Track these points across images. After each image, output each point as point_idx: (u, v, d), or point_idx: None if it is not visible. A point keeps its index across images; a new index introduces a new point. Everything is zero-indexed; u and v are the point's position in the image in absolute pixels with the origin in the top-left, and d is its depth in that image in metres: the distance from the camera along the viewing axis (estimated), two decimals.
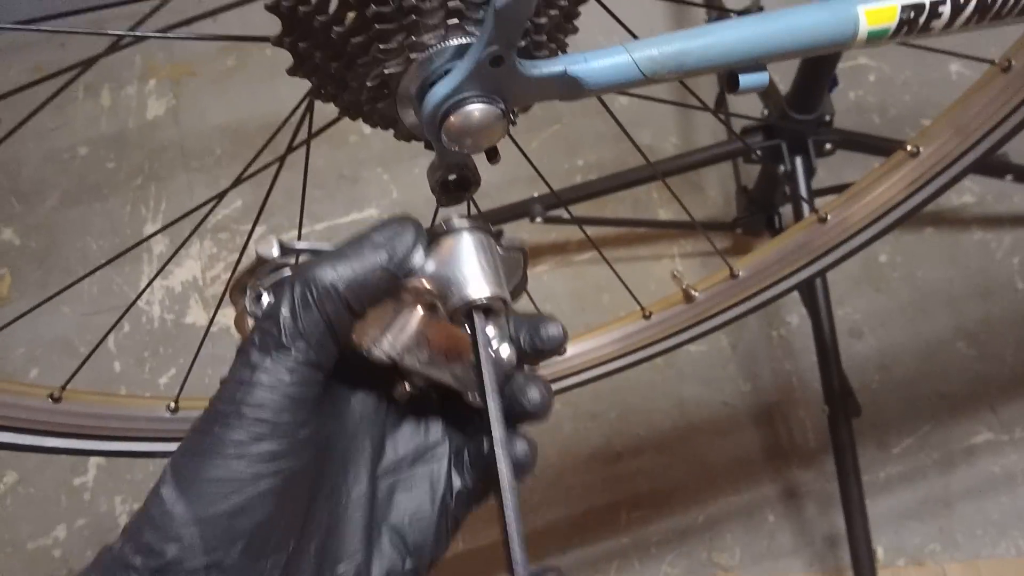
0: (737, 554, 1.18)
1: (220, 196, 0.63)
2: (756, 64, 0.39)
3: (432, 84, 0.37)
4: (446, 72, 0.36)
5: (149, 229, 1.44)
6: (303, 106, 0.52)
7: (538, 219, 1.22)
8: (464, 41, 0.36)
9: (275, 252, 0.37)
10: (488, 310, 0.38)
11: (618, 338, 0.79)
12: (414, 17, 0.35)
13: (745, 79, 0.39)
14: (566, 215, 1.23)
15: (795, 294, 1.27)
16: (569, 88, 0.37)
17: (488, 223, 0.39)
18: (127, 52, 1.58)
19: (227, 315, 1.38)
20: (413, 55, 0.36)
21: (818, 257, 0.75)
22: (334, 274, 0.34)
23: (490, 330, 0.38)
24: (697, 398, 1.27)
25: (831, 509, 1.18)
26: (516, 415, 0.38)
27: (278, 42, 0.38)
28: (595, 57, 0.37)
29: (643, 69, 0.37)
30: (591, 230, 1.37)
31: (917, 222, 1.38)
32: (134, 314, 1.38)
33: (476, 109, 0.36)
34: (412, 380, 0.39)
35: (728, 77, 0.39)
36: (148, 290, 1.40)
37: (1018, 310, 1.31)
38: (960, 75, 1.49)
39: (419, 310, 0.37)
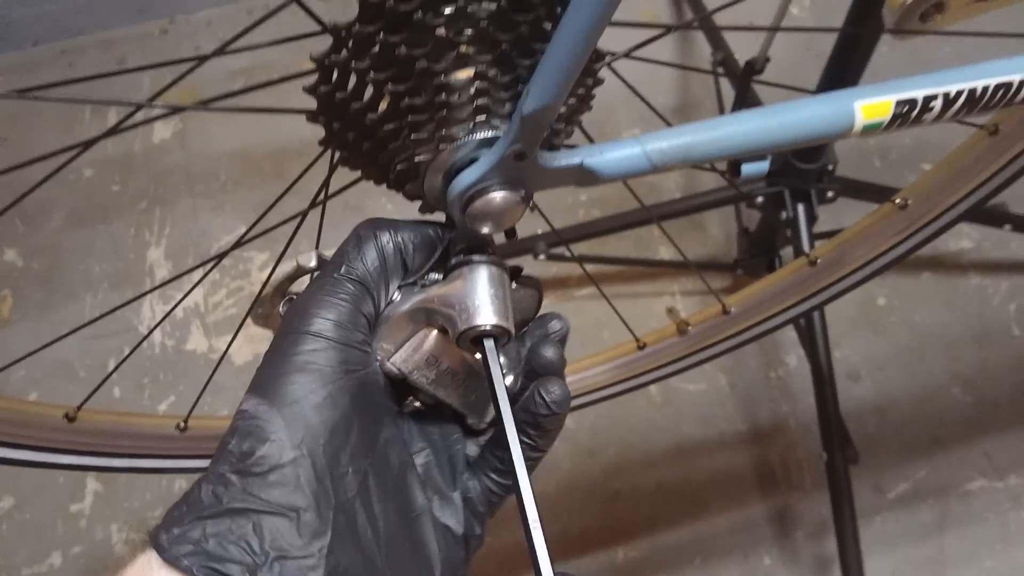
0: None
1: (239, 242, 0.64)
2: (759, 154, 0.41)
3: (458, 170, 0.38)
4: (471, 160, 0.38)
5: (153, 253, 1.45)
6: (326, 161, 0.53)
7: (541, 256, 1.24)
8: (490, 135, 0.37)
9: (314, 263, 0.42)
10: (493, 338, 0.40)
11: (613, 367, 0.83)
12: (444, 112, 0.36)
13: (747, 168, 0.41)
14: (568, 252, 1.24)
15: (794, 337, 1.29)
16: (585, 177, 0.39)
17: (504, 260, 0.42)
18: (135, 74, 1.59)
19: (226, 342, 1.39)
20: (442, 145, 0.37)
21: (806, 298, 0.79)
22: (394, 226, 0.41)
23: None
24: (695, 437, 1.28)
25: (827, 553, 1.19)
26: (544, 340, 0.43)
27: (313, 119, 0.39)
28: (609, 150, 0.39)
29: (653, 161, 0.39)
30: (592, 267, 1.38)
31: (915, 266, 1.39)
32: (134, 339, 1.38)
33: (499, 196, 0.38)
34: (420, 397, 0.42)
35: (731, 165, 0.41)
36: (149, 315, 1.40)
37: (1014, 356, 1.32)
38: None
39: (433, 332, 0.40)
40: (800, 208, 1.14)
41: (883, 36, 0.95)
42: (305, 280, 0.43)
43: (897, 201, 0.71)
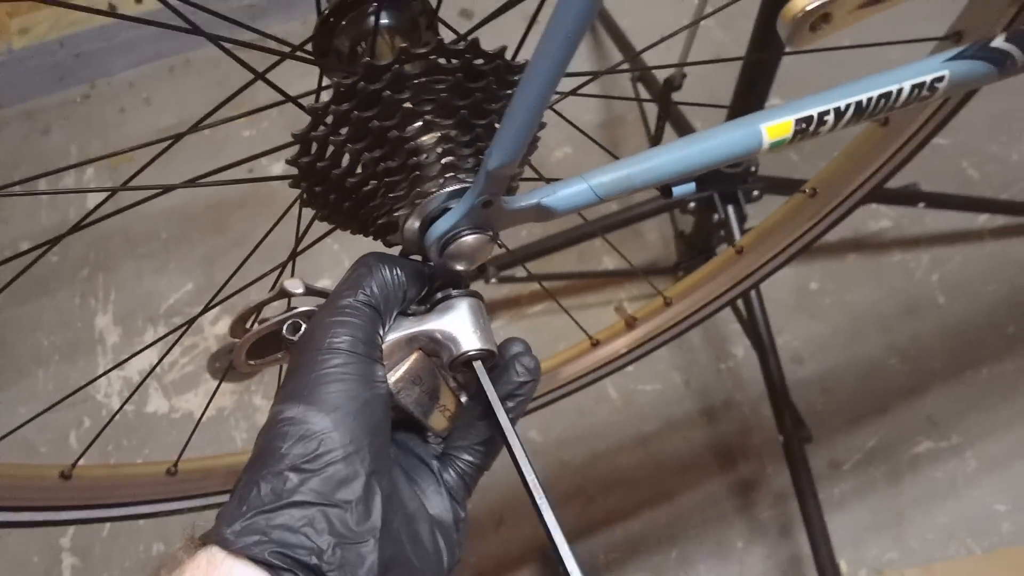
0: None
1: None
2: (687, 178, 0.46)
3: (433, 219, 0.43)
4: (444, 210, 0.42)
5: (101, 320, 1.44)
6: (297, 215, 0.56)
7: (492, 279, 1.27)
8: (458, 187, 0.41)
9: (300, 289, 0.46)
10: (481, 360, 0.45)
11: (572, 366, 0.89)
12: (417, 172, 0.40)
13: (677, 190, 0.47)
14: (518, 274, 1.28)
15: (739, 329, 1.35)
16: (543, 214, 0.44)
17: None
18: (62, 142, 1.58)
19: (187, 400, 1.39)
20: (418, 200, 0.41)
21: (737, 283, 0.87)
22: (396, 261, 0.44)
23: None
24: (658, 436, 1.33)
25: (794, 529, 1.24)
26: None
27: (295, 185, 0.43)
28: (561, 188, 0.44)
29: (598, 193, 0.44)
30: (541, 283, 1.42)
31: (840, 249, 1.47)
32: (93, 408, 1.37)
33: (471, 239, 0.43)
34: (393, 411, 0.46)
35: (663, 189, 0.46)
36: (106, 382, 1.40)
37: (942, 323, 1.41)
38: None
39: (418, 355, 0.45)
40: (730, 209, 1.20)
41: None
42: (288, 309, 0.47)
43: (807, 190, 0.78)
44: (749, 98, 1.05)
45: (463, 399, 0.47)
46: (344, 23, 0.43)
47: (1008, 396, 1.34)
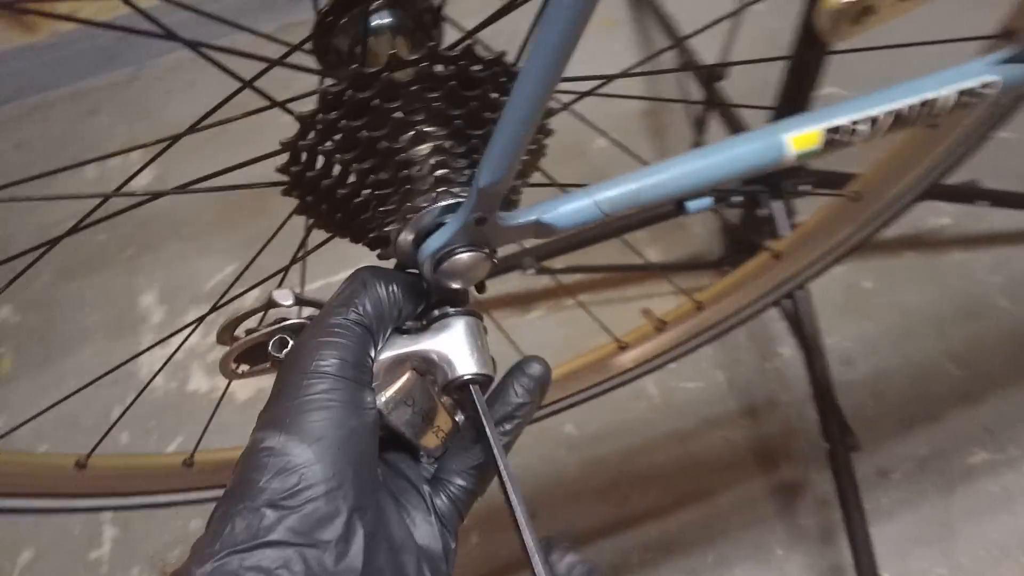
0: None
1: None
2: (701, 192, 0.43)
3: (426, 235, 0.41)
4: (438, 224, 0.40)
5: (145, 299, 1.46)
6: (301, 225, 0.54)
7: (530, 270, 1.25)
8: (451, 201, 0.39)
9: (289, 301, 0.44)
10: (478, 384, 0.43)
11: (597, 367, 0.88)
12: (408, 185, 0.38)
13: (691, 204, 0.43)
14: (553, 267, 1.26)
15: (787, 327, 1.30)
16: (542, 231, 0.41)
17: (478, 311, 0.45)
18: (107, 123, 1.60)
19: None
20: (409, 215, 0.39)
21: (773, 288, 0.84)
22: (391, 277, 0.42)
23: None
24: (698, 435, 1.29)
25: (836, 538, 1.20)
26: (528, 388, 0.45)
27: (287, 193, 0.41)
28: (562, 204, 0.41)
29: (603, 210, 0.41)
30: (582, 275, 1.39)
31: (897, 247, 1.41)
32: (136, 385, 1.39)
33: (465, 256, 0.41)
34: (382, 430, 0.43)
35: (677, 203, 0.43)
36: (148, 360, 1.42)
37: (1003, 328, 1.34)
38: None
39: (411, 374, 0.42)
40: (777, 204, 1.15)
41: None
42: (276, 320, 0.45)
43: (850, 194, 0.74)
44: (795, 95, 1.00)
45: (458, 419, 0.45)
46: (344, 21, 0.41)
47: None
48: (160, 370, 0.94)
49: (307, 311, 0.44)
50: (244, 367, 0.47)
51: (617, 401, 1.33)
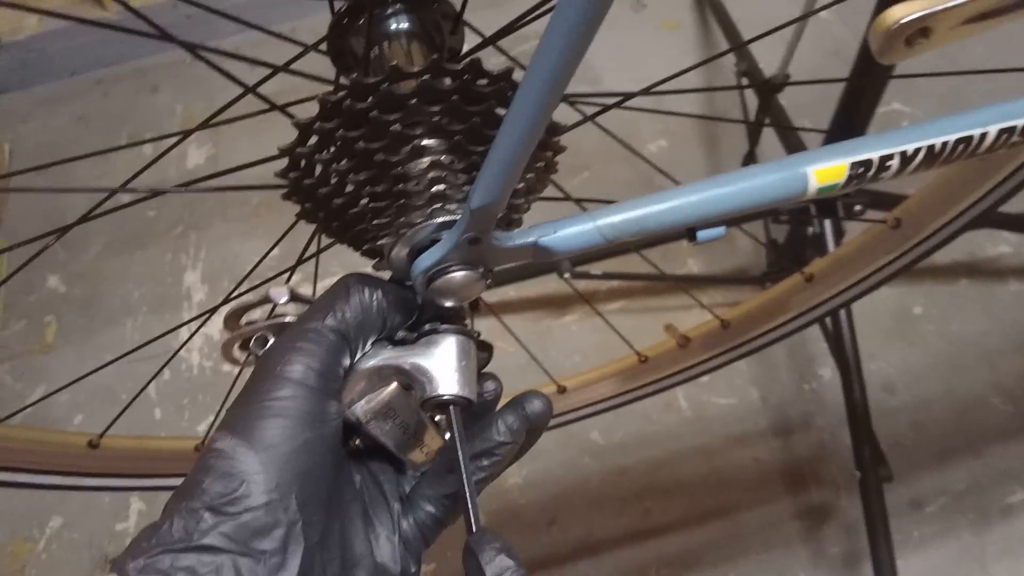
0: None
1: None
2: (713, 222, 0.41)
3: (421, 250, 0.40)
4: (433, 241, 0.39)
5: (189, 277, 1.48)
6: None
7: (566, 274, 1.24)
8: (447, 219, 0.38)
9: (284, 298, 0.44)
10: (458, 406, 0.42)
11: (616, 380, 0.86)
12: (404, 200, 0.37)
13: (702, 234, 0.42)
14: (591, 272, 1.24)
15: (828, 349, 1.27)
16: (540, 254, 0.40)
17: (472, 329, 0.44)
18: (168, 101, 1.63)
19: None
20: (403, 230, 0.38)
21: (802, 313, 0.80)
22: (380, 285, 0.42)
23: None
24: (726, 453, 1.27)
25: (861, 567, 1.17)
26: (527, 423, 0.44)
27: (287, 198, 0.40)
28: (563, 227, 0.40)
29: (605, 235, 0.39)
30: (620, 282, 1.38)
31: (952, 273, 1.36)
32: (174, 362, 1.42)
33: (458, 275, 0.39)
34: (364, 439, 0.43)
35: (688, 231, 0.41)
36: (186, 336, 1.44)
37: None
38: None
39: (394, 386, 0.41)
40: (826, 223, 1.12)
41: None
42: (272, 316, 0.45)
43: (888, 220, 0.71)
44: (850, 126, 0.96)
45: (447, 437, 0.44)
46: (360, 23, 0.40)
47: None
48: (176, 353, 0.95)
49: (301, 310, 0.44)
50: (245, 355, 0.47)
51: (646, 412, 1.31)
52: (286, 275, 0.63)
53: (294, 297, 0.43)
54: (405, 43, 0.40)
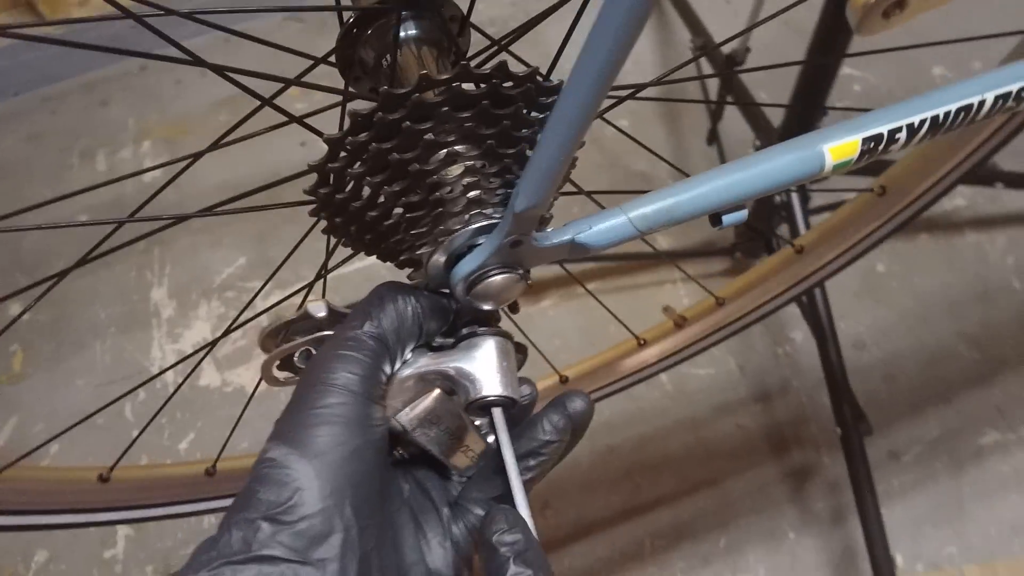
0: (761, 574, 1.21)
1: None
2: (738, 206, 0.42)
3: (459, 257, 0.40)
4: (471, 246, 0.40)
5: (156, 293, 1.46)
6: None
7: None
8: (484, 223, 0.38)
9: (323, 313, 0.44)
10: (501, 406, 0.43)
11: (617, 364, 0.88)
12: (441, 208, 0.37)
13: (727, 218, 0.43)
14: None
15: (799, 313, 1.30)
16: (576, 251, 0.41)
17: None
18: (120, 114, 1.59)
19: (239, 375, 1.40)
20: (442, 238, 0.39)
21: (795, 284, 0.83)
22: (413, 293, 0.42)
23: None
24: (710, 422, 1.30)
25: (848, 520, 1.21)
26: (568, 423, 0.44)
27: (315, 214, 0.40)
28: (597, 221, 0.41)
29: (638, 227, 0.40)
30: (595, 264, 1.39)
31: (911, 230, 1.40)
32: (150, 382, 1.40)
33: (499, 278, 0.40)
34: (408, 448, 0.44)
35: (712, 216, 0.43)
36: (160, 355, 1.42)
37: (1016, 310, 1.33)
38: (944, 79, 1.51)
39: (437, 392, 0.42)
40: (792, 192, 1.15)
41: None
42: (308, 331, 0.45)
43: (875, 189, 0.74)
44: (814, 87, 0.99)
45: (491, 439, 0.45)
46: (369, 32, 0.40)
47: None
48: (174, 368, 0.94)
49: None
50: (286, 374, 0.47)
51: (629, 390, 1.33)
52: (310, 290, 0.62)
53: (331, 311, 0.43)
54: (415, 49, 0.40)
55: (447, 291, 0.43)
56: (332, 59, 0.43)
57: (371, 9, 0.39)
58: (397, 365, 0.42)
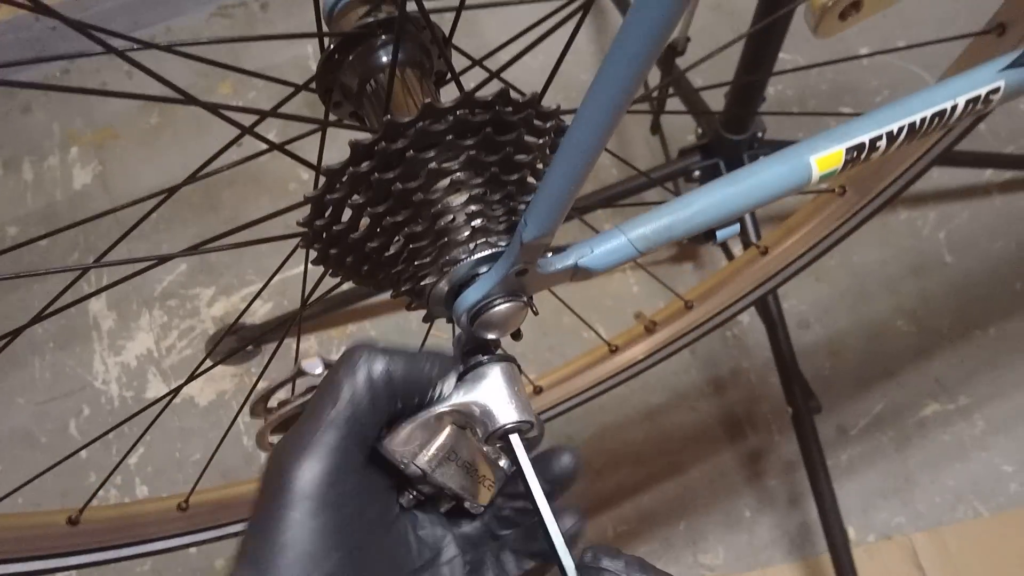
0: (721, 553, 1.24)
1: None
2: (732, 220, 0.43)
3: (461, 286, 0.39)
4: (474, 276, 0.39)
5: (95, 305, 1.41)
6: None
7: None
8: (489, 252, 0.38)
9: (318, 370, 0.41)
10: (519, 432, 0.42)
11: (589, 372, 0.90)
12: (445, 238, 0.37)
13: (721, 233, 0.43)
14: None
15: None
16: (579, 274, 0.41)
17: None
18: (43, 120, 1.53)
19: (191, 386, 1.37)
20: (446, 268, 0.38)
21: (761, 284, 0.85)
22: (387, 357, 0.37)
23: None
24: (665, 407, 1.32)
25: (802, 497, 1.24)
26: (553, 483, 0.42)
27: (308, 244, 0.39)
28: (598, 244, 0.41)
29: (638, 247, 0.40)
30: None
31: None
32: (92, 396, 1.35)
33: (504, 307, 0.40)
34: (422, 489, 0.42)
35: (705, 232, 0.43)
36: (103, 369, 1.37)
37: (949, 282, 1.39)
38: (872, 60, 1.55)
39: (451, 428, 0.41)
40: None
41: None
42: (307, 390, 0.44)
43: (835, 189, 0.76)
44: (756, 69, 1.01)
45: (503, 464, 0.44)
46: (350, 58, 0.39)
47: (1015, 356, 1.33)
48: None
49: None
50: (279, 437, 0.46)
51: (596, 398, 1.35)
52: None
53: (328, 367, 0.41)
54: (399, 71, 0.40)
55: (430, 354, 0.41)
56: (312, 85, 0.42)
57: (354, 33, 0.39)
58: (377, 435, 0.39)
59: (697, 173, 1.20)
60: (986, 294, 1.38)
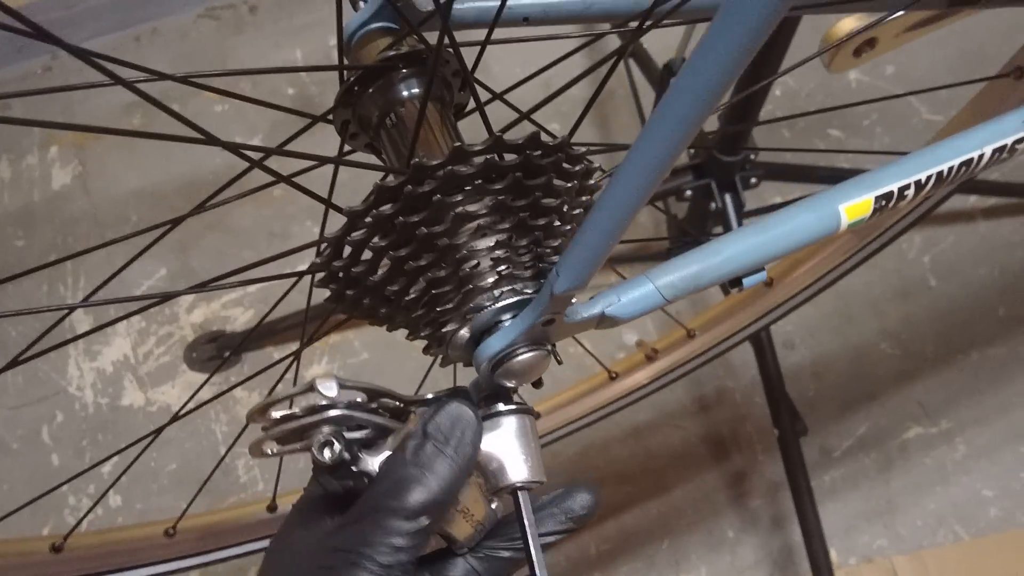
0: (703, 573, 1.24)
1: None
2: (759, 267, 0.42)
3: (483, 333, 0.38)
4: (497, 323, 0.38)
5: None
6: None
7: None
8: (515, 300, 0.37)
9: (333, 392, 0.38)
10: (527, 489, 0.41)
11: (588, 399, 0.89)
12: (470, 285, 0.35)
13: (748, 280, 0.43)
14: None
15: None
16: (605, 322, 0.40)
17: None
18: (22, 117, 1.49)
19: (164, 393, 1.34)
20: (469, 315, 0.37)
21: (764, 315, 0.85)
22: (417, 517, 0.35)
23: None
24: (650, 425, 1.31)
25: (786, 519, 1.24)
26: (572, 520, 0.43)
27: (323, 284, 0.38)
28: (624, 293, 0.40)
29: (665, 295, 0.40)
30: None
31: None
32: (66, 402, 1.32)
33: (528, 356, 0.38)
34: None
35: (731, 280, 0.42)
36: (77, 374, 1.34)
37: (934, 306, 1.40)
38: (860, 83, 1.56)
39: None
40: (727, 197, 1.17)
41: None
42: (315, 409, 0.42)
43: None
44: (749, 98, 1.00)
45: (494, 506, 0.42)
46: (370, 91, 0.38)
47: (997, 381, 1.34)
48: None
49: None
50: (274, 447, 0.44)
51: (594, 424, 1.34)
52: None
53: (342, 387, 0.40)
54: (418, 106, 0.38)
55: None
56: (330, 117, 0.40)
57: (374, 67, 0.37)
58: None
59: (688, 193, 1.19)
60: (969, 319, 1.38)
